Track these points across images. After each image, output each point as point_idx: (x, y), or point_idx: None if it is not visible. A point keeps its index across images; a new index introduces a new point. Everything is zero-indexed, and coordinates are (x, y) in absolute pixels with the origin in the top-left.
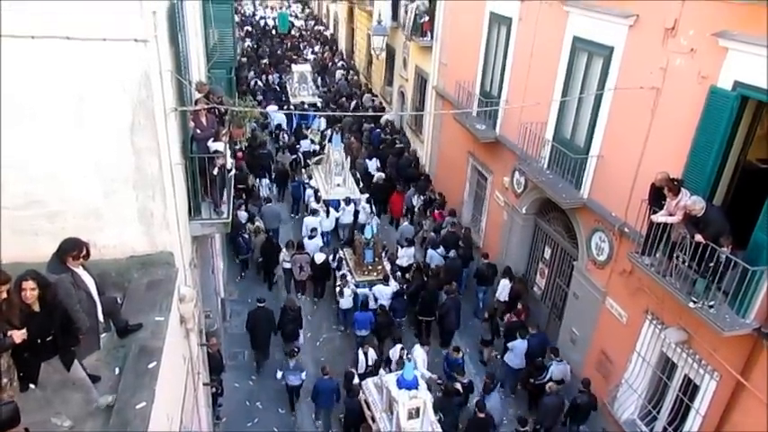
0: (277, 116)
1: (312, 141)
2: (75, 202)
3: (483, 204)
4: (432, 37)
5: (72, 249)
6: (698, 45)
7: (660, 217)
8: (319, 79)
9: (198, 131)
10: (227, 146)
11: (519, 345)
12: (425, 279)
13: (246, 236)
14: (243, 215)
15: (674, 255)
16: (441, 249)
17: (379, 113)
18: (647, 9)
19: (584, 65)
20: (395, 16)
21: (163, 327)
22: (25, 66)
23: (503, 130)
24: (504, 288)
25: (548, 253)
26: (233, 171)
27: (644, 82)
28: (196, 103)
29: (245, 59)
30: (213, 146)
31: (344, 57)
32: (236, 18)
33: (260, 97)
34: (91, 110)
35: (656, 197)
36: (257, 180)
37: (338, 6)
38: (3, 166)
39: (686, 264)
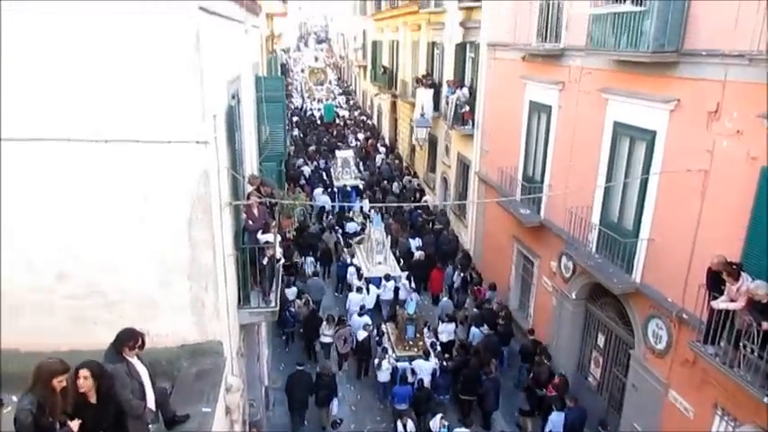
0: (322, 198)
1: (355, 222)
2: (132, 292)
3: (530, 290)
4: (473, 125)
5: (129, 340)
6: (744, 126)
7: (721, 303)
8: (362, 164)
9: (250, 222)
10: (276, 236)
11: (556, 418)
12: (468, 357)
13: (293, 309)
14: (290, 291)
15: (741, 343)
16: (485, 327)
17: (419, 203)
18: (687, 93)
19: (627, 149)
20: (436, 107)
21: (209, 418)
22: (97, 167)
23: (547, 215)
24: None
25: (601, 341)
26: (282, 260)
27: (690, 164)
28: (248, 196)
29: (293, 147)
30: (263, 237)
31: (387, 144)
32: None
33: (302, 182)
34: (153, 206)
35: (715, 282)
36: (303, 258)
37: (381, 98)
38: (68, 257)
39: (755, 353)
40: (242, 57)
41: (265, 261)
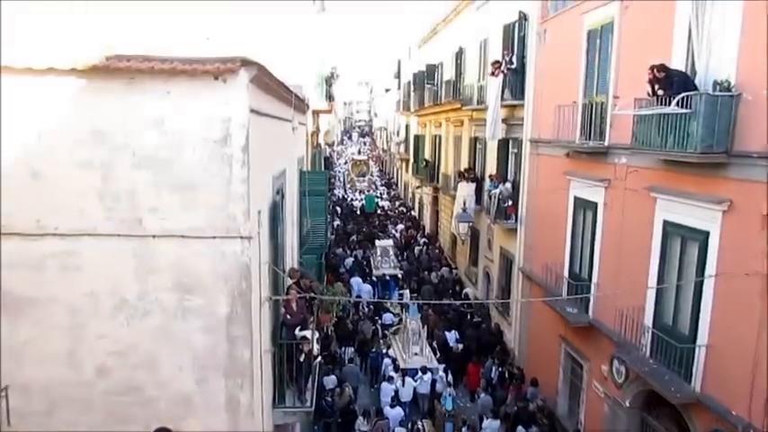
0: (361, 287)
1: (391, 312)
2: (169, 389)
3: (580, 395)
4: (516, 220)
5: None
6: None
7: None
8: (401, 254)
9: (288, 317)
10: (314, 332)
11: None
12: None
13: (330, 398)
14: (328, 380)
15: None
16: (534, 429)
17: (464, 302)
18: (739, 194)
19: (678, 249)
20: (478, 200)
21: None
22: (142, 261)
23: (596, 315)
24: None
25: None
26: (319, 358)
27: (747, 266)
28: (288, 291)
29: (333, 236)
30: (301, 333)
31: (427, 234)
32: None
33: (342, 270)
34: (195, 301)
35: None
36: (342, 349)
37: (423, 191)
38: (108, 353)
39: None
40: (288, 152)
41: (302, 357)
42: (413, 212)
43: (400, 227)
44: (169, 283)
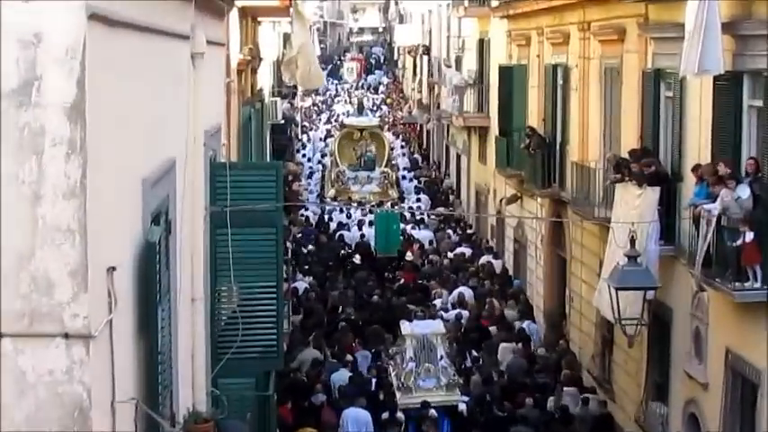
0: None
1: None
2: None
3: None
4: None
5: None
6: None
7: None
8: (463, 355)
9: None
10: None
11: None
12: None
13: None
14: None
15: None
16: None
17: None
18: None
19: None
20: (667, 232)
21: None
22: None
23: None
24: None
25: None
26: None
27: None
28: None
29: (299, 320)
30: None
31: (528, 310)
32: None
33: (320, 401)
34: None
35: None
36: None
37: (525, 207)
38: None
39: None
40: (180, 119)
41: None
42: (493, 256)
43: (462, 291)
44: None
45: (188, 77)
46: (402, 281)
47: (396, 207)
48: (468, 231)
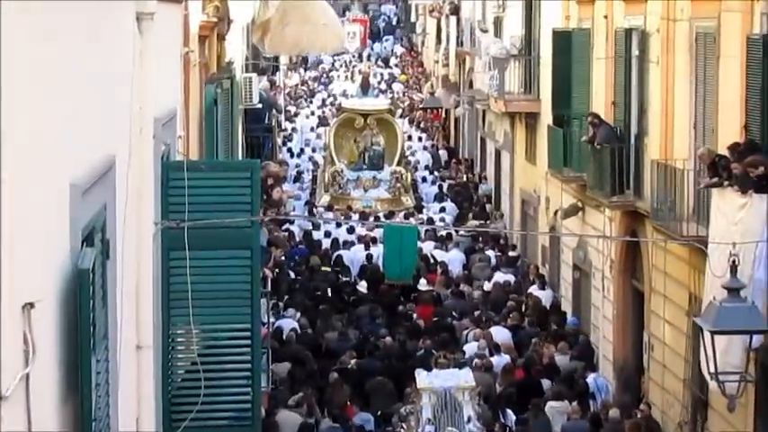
0: None
1: None
2: None
3: None
4: None
5: None
6: None
7: None
8: (497, 413)
9: None
10: None
11: None
12: None
13: None
14: None
15: None
16: None
17: None
18: None
19: None
20: None
21: None
22: None
23: None
24: None
25: None
26: None
27: None
28: None
29: (287, 375)
30: None
31: (588, 358)
32: None
33: None
34: None
35: None
36: None
37: (587, 221)
38: None
39: None
40: (122, 104)
41: None
42: (543, 286)
43: (496, 332)
44: None
45: (132, 46)
46: (418, 318)
47: (411, 219)
48: (511, 254)
